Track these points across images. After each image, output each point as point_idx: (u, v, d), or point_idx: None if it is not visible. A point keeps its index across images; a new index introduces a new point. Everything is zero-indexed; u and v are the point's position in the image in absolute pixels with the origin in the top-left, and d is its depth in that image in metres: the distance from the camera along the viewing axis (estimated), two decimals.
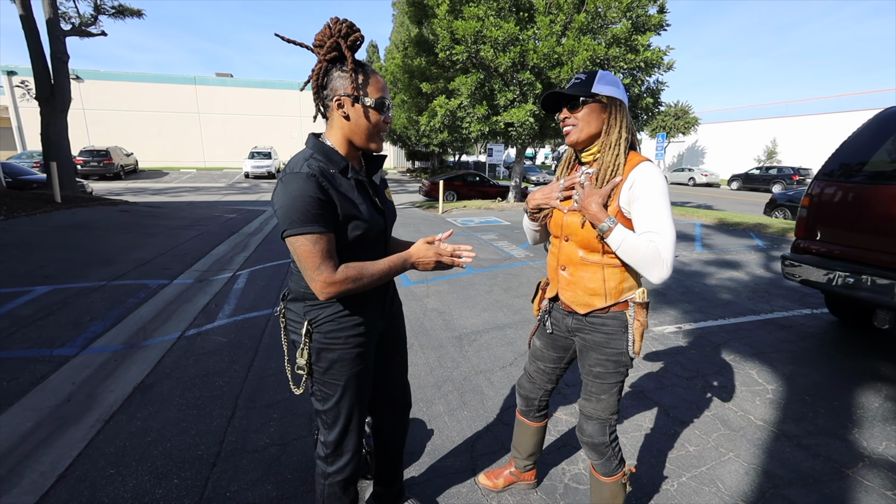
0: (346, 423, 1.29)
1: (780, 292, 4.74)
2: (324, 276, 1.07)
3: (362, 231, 1.16)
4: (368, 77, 1.15)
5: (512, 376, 2.85)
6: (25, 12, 10.34)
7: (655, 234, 1.22)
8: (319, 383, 1.25)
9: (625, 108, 1.32)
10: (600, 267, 1.34)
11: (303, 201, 1.04)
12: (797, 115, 28.34)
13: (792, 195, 11.36)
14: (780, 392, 2.69)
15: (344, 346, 1.22)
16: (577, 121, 1.32)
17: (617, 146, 1.29)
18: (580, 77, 1.34)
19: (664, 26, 10.89)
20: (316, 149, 1.17)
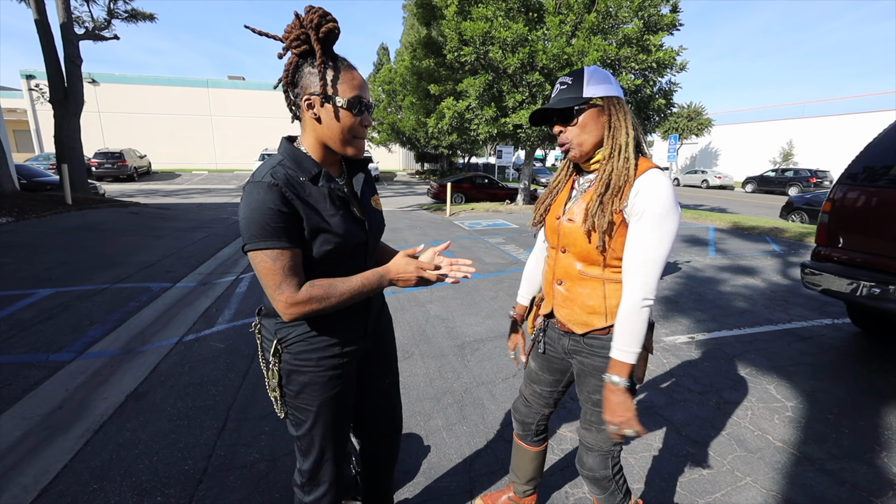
0: (320, 451, 1.18)
1: (798, 300, 4.54)
2: (285, 295, 0.97)
3: (333, 245, 1.05)
4: (340, 73, 1.01)
5: (514, 388, 2.73)
6: (40, 16, 10.51)
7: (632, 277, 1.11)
8: (292, 407, 1.15)
9: (624, 103, 1.19)
10: (601, 282, 1.21)
11: (262, 214, 0.95)
12: (814, 116, 27.72)
13: (809, 198, 11.04)
14: (801, 410, 2.53)
15: (315, 368, 1.11)
16: (574, 134, 1.18)
17: (626, 149, 1.15)
18: (565, 81, 1.19)
19: (677, 26, 10.68)
20: (286, 154, 1.06)
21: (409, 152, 33.19)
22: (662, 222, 1.08)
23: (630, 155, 1.14)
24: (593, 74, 1.17)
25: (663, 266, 1.11)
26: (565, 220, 1.25)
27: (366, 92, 1.06)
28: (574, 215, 1.22)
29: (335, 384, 1.15)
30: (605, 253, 1.16)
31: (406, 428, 2.30)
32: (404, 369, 2.94)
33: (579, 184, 1.29)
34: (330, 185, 1.06)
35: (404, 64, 14.21)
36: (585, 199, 1.21)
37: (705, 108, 31.50)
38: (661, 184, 1.10)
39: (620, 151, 1.15)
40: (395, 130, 23.23)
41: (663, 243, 1.09)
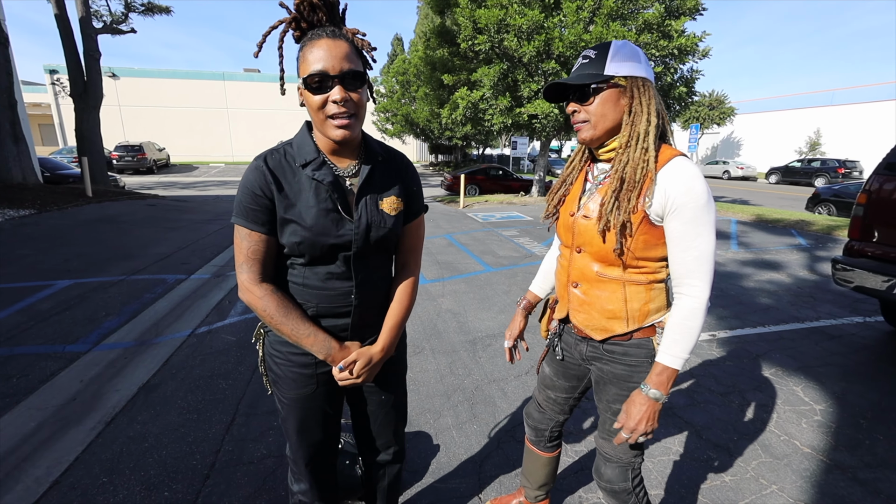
0: (297, 442, 1.17)
1: (826, 297, 4.34)
2: (242, 276, 1.00)
3: (300, 239, 0.98)
4: (303, 48, 0.94)
5: (527, 386, 2.66)
6: (60, 11, 10.66)
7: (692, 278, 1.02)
8: (274, 392, 1.16)
9: (651, 86, 1.06)
10: (620, 284, 1.11)
11: (243, 191, 0.98)
12: (843, 103, 26.57)
13: (837, 189, 10.60)
14: (831, 414, 2.40)
15: (286, 363, 1.08)
16: (589, 114, 1.07)
17: (645, 139, 1.03)
18: (589, 55, 1.07)
19: (700, 10, 10.28)
20: (296, 138, 1.05)
21: (423, 144, 33.05)
22: (706, 213, 1.00)
23: (649, 145, 1.03)
24: (620, 50, 1.04)
25: (714, 258, 1.03)
26: (580, 216, 1.14)
27: (330, 62, 0.90)
28: (590, 212, 1.12)
29: (307, 383, 1.10)
30: (625, 254, 1.06)
31: (415, 426, 2.26)
32: (414, 365, 2.89)
33: (594, 175, 1.18)
34: (314, 175, 0.99)
35: (418, 54, 14.05)
36: (602, 193, 1.11)
37: (728, 96, 30.53)
38: (692, 172, 1.00)
39: (638, 140, 1.04)
40: (409, 122, 23.09)
41: (712, 234, 1.01)
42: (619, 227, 1.03)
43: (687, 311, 1.03)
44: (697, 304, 1.02)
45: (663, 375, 1.05)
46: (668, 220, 1.02)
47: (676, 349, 1.03)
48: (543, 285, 1.46)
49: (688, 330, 1.03)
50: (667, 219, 1.02)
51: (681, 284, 1.05)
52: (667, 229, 1.03)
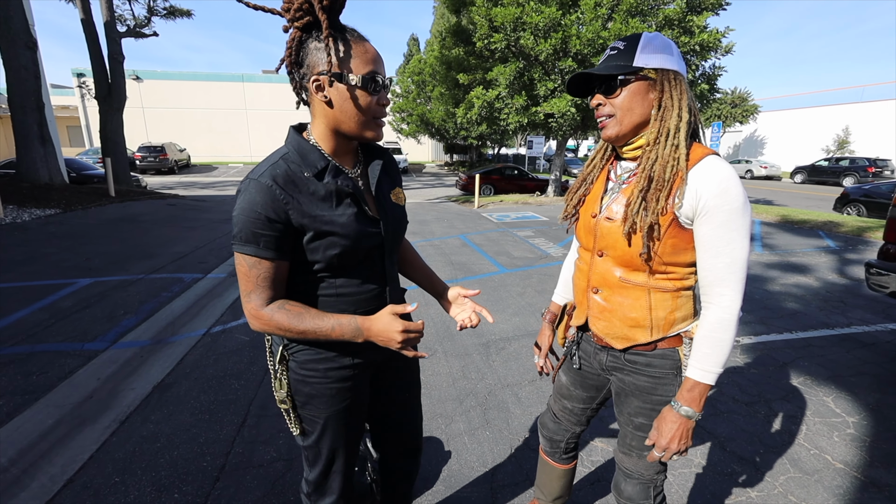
0: (327, 463, 1.11)
1: (858, 302, 4.15)
2: (251, 305, 0.93)
3: (341, 249, 0.93)
4: (350, 46, 0.88)
5: (542, 392, 2.59)
6: (86, 15, 10.97)
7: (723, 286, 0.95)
8: (298, 418, 1.08)
9: (683, 80, 0.99)
10: (645, 291, 1.04)
11: (248, 216, 0.87)
12: (874, 100, 25.55)
13: (868, 189, 10.18)
14: (865, 427, 2.27)
15: (322, 380, 1.02)
16: (615, 108, 1.00)
17: (676, 135, 0.96)
18: (617, 46, 1.00)
19: (723, 5, 10.00)
20: (292, 146, 0.95)
21: (439, 144, 33.04)
22: (740, 217, 0.92)
23: (680, 142, 0.96)
24: (651, 41, 0.98)
25: (747, 268, 0.96)
26: (602, 218, 1.08)
27: (381, 66, 0.92)
28: (613, 213, 1.05)
29: (344, 397, 1.06)
30: (652, 258, 0.99)
31: (426, 431, 2.21)
32: (426, 367, 2.85)
33: (617, 174, 1.11)
34: (337, 182, 0.94)
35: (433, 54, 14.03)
36: (626, 193, 1.04)
37: (751, 93, 29.67)
38: (726, 173, 0.93)
39: (668, 137, 0.97)
40: (425, 122, 23.10)
41: (746, 240, 0.94)
42: (646, 230, 0.96)
43: (717, 323, 0.96)
44: (728, 314, 0.95)
45: (695, 391, 0.98)
46: (699, 223, 0.95)
47: (707, 363, 0.96)
48: (565, 294, 1.39)
49: (718, 342, 0.95)
50: (697, 222, 0.95)
51: (710, 293, 0.98)
52: (696, 233, 0.96)
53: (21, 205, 7.45)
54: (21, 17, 8.07)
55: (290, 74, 0.94)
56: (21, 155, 8.59)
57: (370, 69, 0.89)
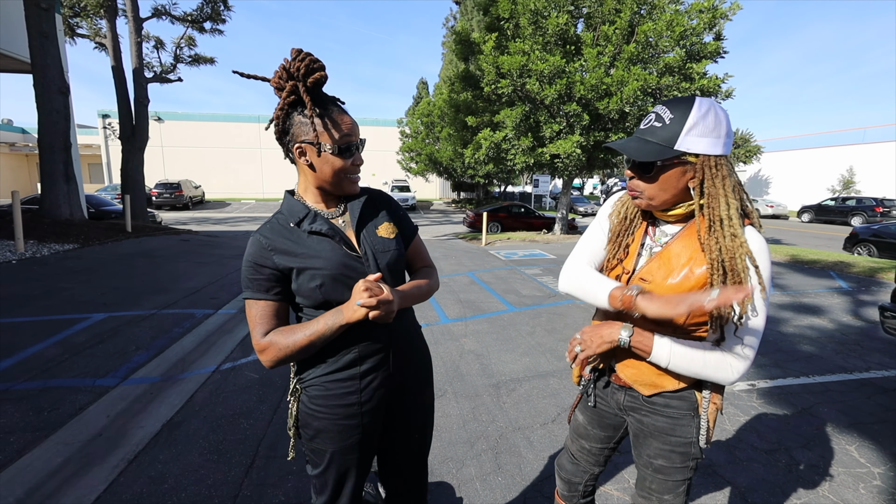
0: (333, 494, 1.16)
1: (875, 345, 4.07)
2: (255, 340, 1.03)
3: (322, 280, 1.03)
4: (328, 119, 1.03)
5: (554, 435, 2.54)
6: (116, 63, 11.67)
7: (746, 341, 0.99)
8: (308, 449, 1.15)
9: (726, 163, 0.96)
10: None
11: (245, 266, 1.06)
12: (877, 141, 25.91)
13: (877, 229, 10.16)
14: (893, 479, 2.18)
15: (329, 416, 1.08)
16: (647, 187, 1.00)
17: (729, 223, 0.95)
18: (663, 116, 0.95)
19: (721, 54, 10.42)
20: (284, 205, 1.13)
21: (446, 182, 33.73)
22: (766, 288, 0.97)
23: (737, 228, 0.95)
24: (701, 121, 0.93)
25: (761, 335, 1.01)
26: (637, 279, 1.08)
27: (355, 132, 1.07)
28: (648, 275, 1.06)
29: (351, 434, 1.10)
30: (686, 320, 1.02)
31: (437, 475, 2.17)
32: (437, 408, 2.81)
33: (654, 235, 1.11)
34: (311, 227, 1.07)
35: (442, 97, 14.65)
36: (663, 258, 1.05)
37: (753, 134, 30.29)
38: (759, 246, 0.97)
39: (723, 224, 0.95)
40: (433, 161, 23.72)
41: (765, 313, 0.99)
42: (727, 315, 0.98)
43: (717, 360, 0.98)
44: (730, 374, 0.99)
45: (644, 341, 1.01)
46: None
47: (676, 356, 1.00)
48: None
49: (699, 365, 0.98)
50: None
51: (731, 351, 1.01)
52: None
53: (41, 240, 7.65)
54: (57, 64, 8.62)
55: (279, 140, 1.07)
56: (45, 192, 8.91)
57: (345, 138, 1.04)
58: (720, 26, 10.26)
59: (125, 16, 12.00)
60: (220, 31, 14.36)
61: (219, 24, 14.12)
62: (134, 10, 11.92)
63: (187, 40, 14.24)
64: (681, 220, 1.07)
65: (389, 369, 1.15)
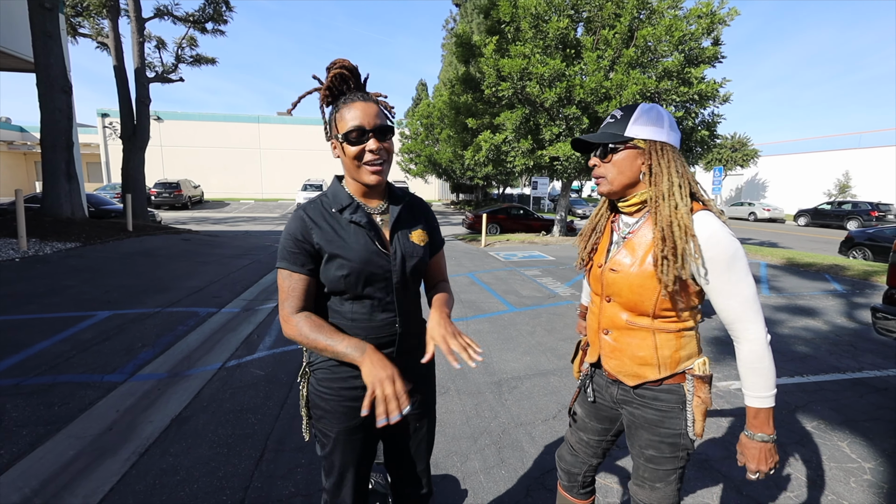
0: (339, 476, 1.21)
1: (868, 346, 4.15)
2: (283, 311, 1.10)
3: (348, 271, 1.09)
4: (340, 111, 1.10)
5: (555, 431, 2.60)
6: (118, 63, 11.71)
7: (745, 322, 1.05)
8: (316, 429, 1.21)
9: (671, 150, 1.11)
10: (650, 332, 1.14)
11: (284, 237, 1.11)
12: (872, 146, 26.15)
13: (872, 233, 10.27)
14: (882, 473, 2.26)
15: (335, 398, 1.15)
16: (606, 171, 1.15)
17: (670, 196, 1.08)
18: (615, 115, 1.15)
19: (719, 59, 10.54)
20: (330, 189, 1.19)
21: (445, 183, 33.83)
22: (737, 261, 1.04)
23: (678, 201, 1.07)
24: (644, 114, 1.11)
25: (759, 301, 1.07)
26: (608, 269, 1.19)
27: (366, 119, 1.07)
28: (616, 265, 1.17)
29: (354, 416, 1.15)
30: (654, 306, 1.10)
31: (442, 468, 2.23)
32: (440, 406, 2.87)
33: (619, 228, 1.24)
34: (352, 217, 1.12)
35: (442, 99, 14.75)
36: (628, 246, 1.16)
37: (750, 138, 30.47)
38: (713, 226, 1.06)
39: (665, 199, 1.09)
40: (432, 162, 23.81)
41: (749, 278, 1.05)
42: (669, 287, 1.06)
43: (751, 354, 1.06)
44: (758, 345, 1.05)
45: (759, 418, 1.08)
46: (703, 275, 1.06)
47: (759, 391, 1.06)
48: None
49: (761, 371, 1.05)
50: (701, 275, 1.06)
51: (735, 330, 1.08)
52: (704, 285, 1.07)
53: (43, 238, 7.68)
54: (60, 63, 8.66)
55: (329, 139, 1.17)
56: (47, 190, 8.94)
57: (352, 125, 1.07)
58: (718, 31, 10.37)
59: (127, 16, 12.05)
60: (221, 31, 14.43)
61: (220, 24, 14.18)
62: (136, 10, 11.97)
63: (189, 40, 14.29)
64: (638, 210, 1.17)
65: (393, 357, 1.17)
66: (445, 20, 34.88)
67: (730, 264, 1.04)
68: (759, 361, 1.05)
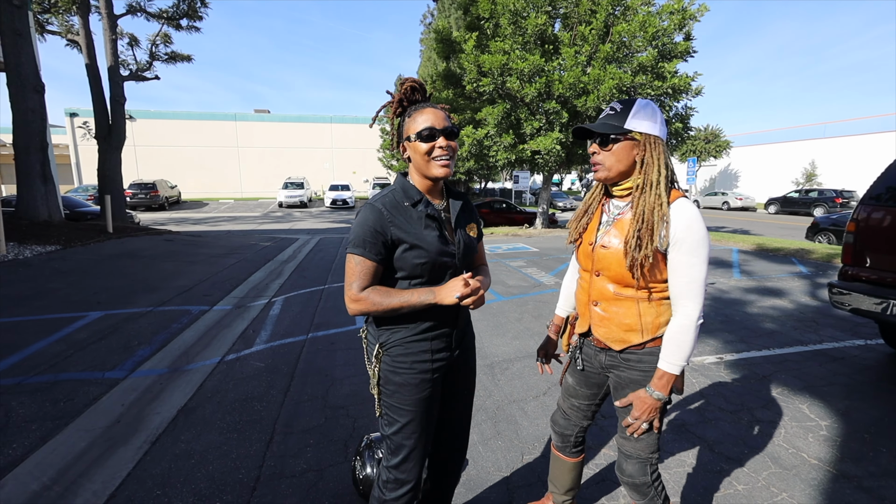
0: (409, 450, 1.32)
1: (828, 321, 4.49)
2: (351, 291, 1.22)
3: (425, 260, 1.24)
4: (412, 116, 1.27)
5: (546, 406, 2.80)
6: (90, 61, 11.41)
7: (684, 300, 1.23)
8: (386, 407, 1.32)
9: (661, 144, 1.27)
10: (635, 301, 1.31)
11: (361, 227, 1.22)
12: (837, 136, 27.33)
13: (836, 219, 10.87)
14: (836, 429, 2.53)
15: (409, 371, 1.28)
16: (605, 158, 1.29)
17: (657, 185, 1.24)
18: (615, 107, 1.29)
19: (691, 53, 10.91)
20: (398, 184, 1.32)
21: None
22: (701, 247, 1.21)
23: (661, 191, 1.24)
24: (641, 109, 1.25)
25: (705, 286, 1.24)
26: (598, 246, 1.35)
27: (436, 121, 1.25)
28: (607, 242, 1.33)
29: (425, 387, 1.30)
30: (638, 277, 1.27)
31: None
32: None
33: (609, 210, 1.39)
34: (427, 210, 1.27)
35: None
36: (618, 227, 1.32)
37: (723, 130, 31.43)
38: (692, 213, 1.22)
39: (652, 187, 1.25)
40: None
41: (704, 265, 1.22)
42: (639, 262, 1.24)
43: (679, 328, 1.24)
44: (688, 321, 1.23)
45: (663, 380, 1.26)
46: (670, 250, 1.23)
47: (673, 358, 1.25)
48: (567, 307, 1.66)
49: (681, 343, 1.23)
50: (669, 249, 1.24)
51: (676, 304, 1.26)
52: (668, 258, 1.25)
53: (22, 241, 7.52)
54: (32, 62, 8.43)
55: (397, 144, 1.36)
56: (22, 193, 8.72)
57: (425, 126, 1.24)
58: (689, 27, 10.75)
59: (98, 12, 11.73)
60: (196, 28, 14.15)
61: (195, 21, 13.91)
62: (108, 6, 11.65)
63: (163, 37, 13.98)
64: (628, 194, 1.33)
65: (452, 341, 1.37)
66: (423, 15, 34.75)
67: (694, 248, 1.21)
68: (684, 334, 1.23)
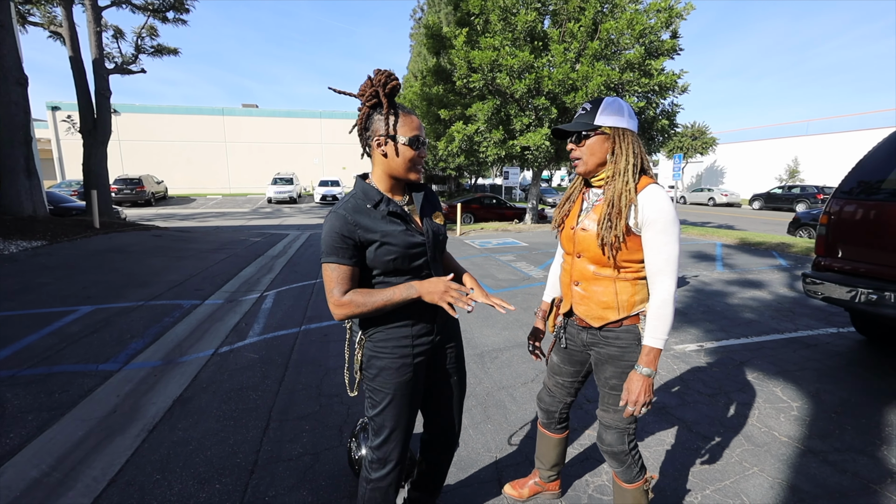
0: (390, 431, 1.39)
1: (804, 311, 4.68)
2: (333, 297, 1.26)
3: (395, 255, 1.29)
4: (401, 118, 1.29)
5: (533, 392, 2.90)
6: (74, 53, 11.21)
7: (662, 275, 1.33)
8: (369, 389, 1.40)
9: (630, 135, 1.38)
10: (612, 280, 1.42)
11: (329, 236, 1.26)
12: (819, 133, 27.96)
13: (816, 214, 11.16)
14: (806, 409, 2.67)
15: (390, 355, 1.35)
16: (582, 153, 1.41)
17: (626, 173, 1.35)
18: (585, 107, 1.41)
19: (677, 50, 11.09)
20: (358, 188, 1.35)
21: None
22: (672, 226, 1.31)
23: (629, 178, 1.35)
24: (608, 106, 1.37)
25: (678, 262, 1.34)
26: (579, 229, 1.47)
27: (422, 131, 1.33)
28: (587, 226, 1.45)
29: (406, 370, 1.37)
30: (615, 258, 1.38)
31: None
32: None
33: (588, 198, 1.51)
34: (388, 208, 1.32)
35: (413, 90, 14.81)
36: (596, 211, 1.43)
37: (709, 126, 31.91)
38: (661, 196, 1.33)
39: (620, 175, 1.36)
40: None
41: (677, 243, 1.33)
42: (611, 241, 1.35)
43: (661, 302, 1.34)
44: (667, 295, 1.33)
45: (650, 355, 1.35)
46: (644, 231, 1.34)
47: (657, 332, 1.34)
48: (553, 293, 1.76)
49: (663, 316, 1.33)
50: (643, 230, 1.34)
51: (654, 281, 1.36)
52: (643, 239, 1.35)
53: (6, 237, 7.42)
54: (14, 54, 8.28)
55: (360, 135, 1.35)
56: (6, 188, 8.57)
57: (415, 133, 1.30)
58: (676, 25, 10.92)
59: (82, 3, 11.52)
60: (183, 20, 13.96)
61: (182, 13, 13.72)
62: None
63: (149, 30, 13.76)
64: (606, 183, 1.43)
65: (434, 326, 1.43)
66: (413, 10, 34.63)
67: (665, 227, 1.31)
68: (664, 308, 1.33)
